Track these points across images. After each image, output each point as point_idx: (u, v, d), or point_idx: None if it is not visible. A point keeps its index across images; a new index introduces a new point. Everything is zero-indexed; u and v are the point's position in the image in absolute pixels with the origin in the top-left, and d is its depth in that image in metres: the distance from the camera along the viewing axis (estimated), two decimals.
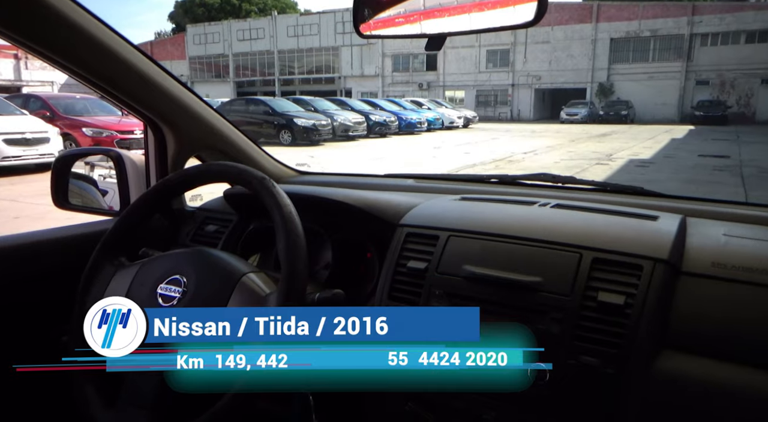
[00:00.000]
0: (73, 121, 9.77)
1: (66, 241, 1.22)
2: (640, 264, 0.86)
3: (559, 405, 0.83)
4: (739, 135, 16.85)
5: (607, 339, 0.82)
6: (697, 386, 0.76)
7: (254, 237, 1.30)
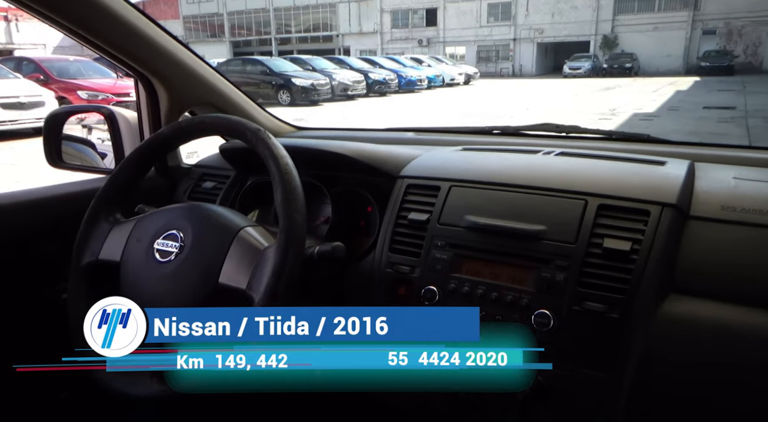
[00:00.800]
0: (67, 84, 9.61)
1: (62, 199, 1.20)
2: (647, 210, 0.84)
3: (563, 351, 0.82)
4: (746, 85, 16.54)
5: (612, 284, 0.81)
6: (703, 328, 0.75)
7: (252, 192, 1.28)
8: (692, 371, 0.74)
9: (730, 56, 23.83)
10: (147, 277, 0.88)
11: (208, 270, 0.85)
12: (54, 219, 1.17)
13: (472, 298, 0.91)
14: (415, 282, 0.97)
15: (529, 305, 0.86)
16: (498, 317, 0.88)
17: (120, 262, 0.92)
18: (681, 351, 0.75)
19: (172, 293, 0.85)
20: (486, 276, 0.92)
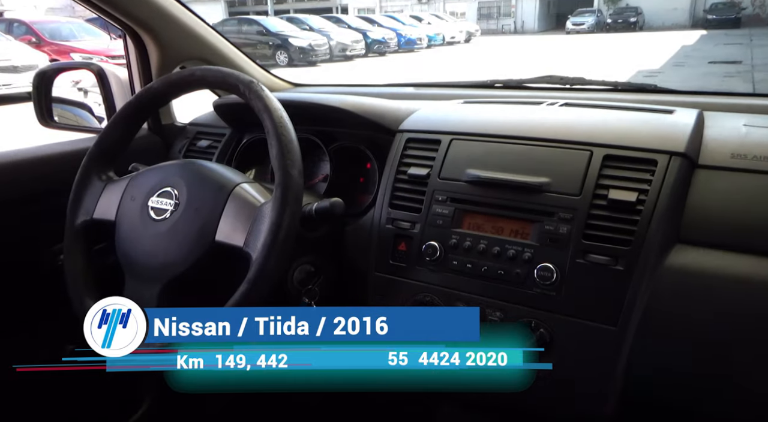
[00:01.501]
0: (60, 46, 9.42)
1: (54, 159, 1.18)
2: (654, 159, 0.81)
3: (567, 304, 0.81)
4: (753, 38, 16.14)
5: (617, 236, 0.79)
6: (710, 278, 0.74)
7: (249, 150, 1.25)
8: (696, 321, 0.73)
9: (738, 8, 23.19)
10: (142, 236, 0.86)
11: (204, 228, 0.83)
12: (46, 180, 1.14)
13: (473, 253, 0.90)
14: (415, 238, 0.95)
15: (532, 259, 0.85)
16: (500, 271, 0.87)
17: (115, 221, 0.90)
18: (686, 302, 0.74)
19: (168, 251, 0.84)
20: (488, 231, 0.90)
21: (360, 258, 1.02)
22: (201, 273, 0.85)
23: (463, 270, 0.90)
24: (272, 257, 0.77)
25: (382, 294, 0.98)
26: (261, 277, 0.77)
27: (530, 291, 0.84)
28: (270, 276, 0.77)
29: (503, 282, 0.87)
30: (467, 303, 0.90)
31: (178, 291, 0.85)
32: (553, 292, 0.83)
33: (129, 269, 0.87)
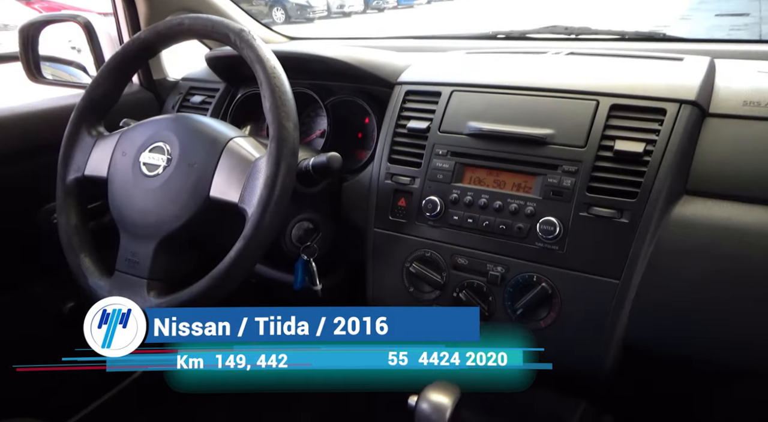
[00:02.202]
0: (51, 3, 9.16)
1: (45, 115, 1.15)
2: (663, 108, 0.78)
3: (570, 258, 0.80)
4: None
5: (622, 189, 0.77)
6: (717, 230, 0.72)
7: (244, 106, 1.21)
8: (701, 273, 0.72)
9: None
10: (135, 192, 0.84)
11: (197, 184, 0.81)
12: (37, 136, 1.11)
13: (474, 208, 0.88)
14: (415, 194, 0.93)
15: (534, 213, 0.83)
16: (501, 226, 0.85)
17: (107, 178, 0.88)
18: (691, 254, 0.73)
19: (161, 208, 0.82)
20: (489, 185, 0.88)
21: (359, 214, 1.00)
22: (196, 230, 0.83)
23: (463, 225, 0.89)
24: (268, 213, 0.75)
25: (381, 250, 0.97)
26: (257, 234, 0.75)
27: (532, 245, 0.83)
28: (266, 232, 0.75)
29: (505, 237, 0.85)
30: (468, 259, 0.88)
31: (174, 248, 0.83)
32: (556, 246, 0.81)
33: (123, 226, 0.85)
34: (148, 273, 0.82)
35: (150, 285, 0.81)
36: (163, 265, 0.83)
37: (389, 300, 0.97)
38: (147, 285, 0.81)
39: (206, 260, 0.85)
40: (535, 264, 0.83)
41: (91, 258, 0.87)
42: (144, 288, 0.81)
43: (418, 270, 0.92)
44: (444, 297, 0.91)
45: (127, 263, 0.83)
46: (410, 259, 0.93)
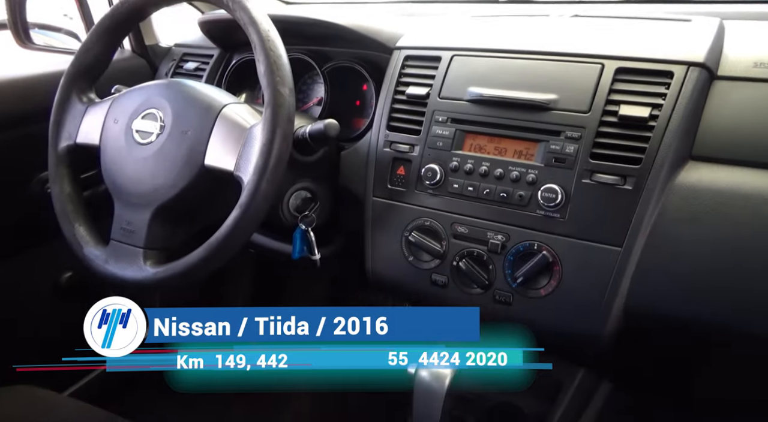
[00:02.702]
0: None
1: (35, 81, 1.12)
2: (670, 71, 0.76)
3: (572, 226, 0.79)
4: None
5: (626, 155, 0.75)
6: (722, 195, 0.70)
7: (239, 73, 1.19)
8: (706, 239, 0.71)
9: None
10: (128, 161, 0.83)
11: (191, 152, 0.79)
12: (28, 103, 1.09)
13: (474, 176, 0.86)
14: (414, 162, 0.92)
15: (536, 180, 0.81)
16: (502, 194, 0.84)
17: (99, 146, 0.86)
18: (696, 220, 0.71)
19: (155, 177, 0.80)
20: (490, 152, 0.86)
21: (357, 183, 0.99)
22: (192, 199, 0.82)
23: (463, 193, 0.87)
24: (264, 181, 0.73)
25: (380, 219, 0.95)
26: (253, 202, 0.73)
27: (533, 213, 0.82)
28: (262, 200, 0.74)
29: (506, 205, 0.84)
30: (468, 227, 0.87)
31: (170, 217, 0.82)
32: (557, 214, 0.80)
33: (117, 195, 0.84)
34: (143, 243, 0.81)
35: (146, 255, 0.80)
36: (159, 235, 0.82)
37: (388, 269, 0.96)
38: (143, 255, 0.80)
39: (203, 230, 0.84)
40: (536, 232, 0.82)
41: (86, 227, 0.86)
42: (140, 257, 0.80)
43: (417, 239, 0.91)
44: (443, 267, 0.90)
45: (123, 232, 0.82)
46: (409, 228, 0.92)
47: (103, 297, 1.30)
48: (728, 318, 0.71)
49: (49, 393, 0.99)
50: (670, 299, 0.74)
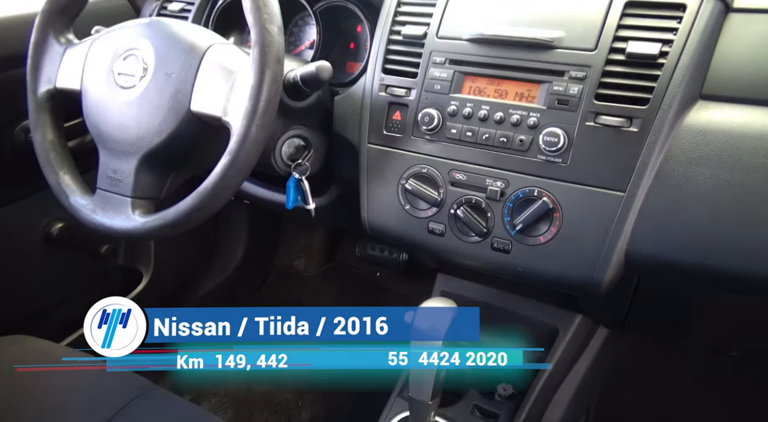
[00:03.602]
0: None
1: (10, 23, 1.06)
2: (683, 4, 0.71)
3: (574, 171, 0.76)
4: None
5: (633, 95, 0.72)
6: (732, 136, 0.68)
7: (226, 14, 1.13)
8: (714, 182, 0.68)
9: None
10: (111, 106, 0.79)
11: (176, 96, 0.75)
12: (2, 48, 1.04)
13: (474, 120, 0.83)
14: (411, 106, 0.88)
15: (538, 124, 0.78)
16: (502, 139, 0.81)
17: (81, 90, 0.82)
18: (704, 162, 0.69)
19: (140, 123, 0.77)
20: (490, 95, 0.83)
21: (352, 129, 0.95)
22: (180, 146, 0.78)
23: (462, 138, 0.84)
24: (253, 126, 0.70)
25: (375, 167, 0.92)
26: (243, 149, 0.70)
27: (534, 158, 0.79)
28: (252, 146, 0.71)
29: (506, 150, 0.81)
30: (467, 174, 0.84)
31: (157, 165, 0.79)
32: (559, 159, 0.77)
33: (101, 142, 0.80)
34: (131, 192, 0.78)
35: (134, 204, 0.78)
36: (147, 183, 0.79)
37: (384, 218, 0.94)
38: (131, 204, 0.78)
39: (193, 179, 0.81)
40: (537, 178, 0.79)
41: (72, 176, 0.83)
42: (128, 206, 0.78)
43: (414, 186, 0.88)
44: (441, 215, 0.88)
45: (109, 181, 0.79)
46: (406, 176, 0.89)
47: (93, 248, 1.31)
48: (734, 264, 0.69)
49: (46, 342, 0.99)
50: (673, 245, 0.72)
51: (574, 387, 1.16)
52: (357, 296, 1.83)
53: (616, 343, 1.26)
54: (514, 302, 1.13)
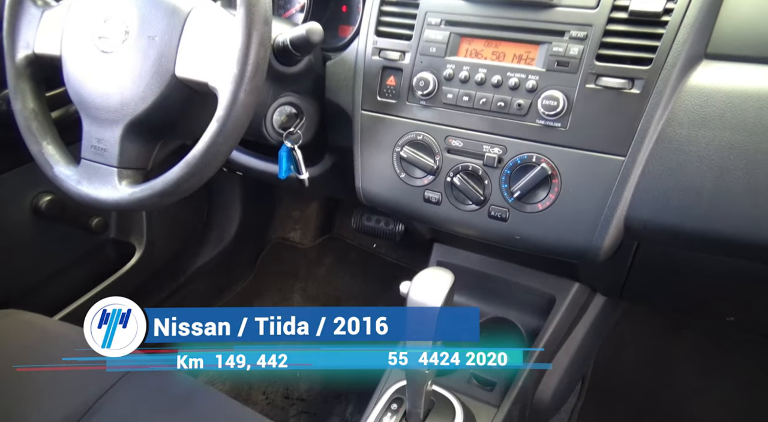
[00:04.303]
0: None
1: None
2: None
3: (573, 136, 0.74)
4: None
5: (636, 55, 0.69)
6: (736, 95, 0.65)
7: None
8: (718, 144, 0.66)
9: None
10: (92, 71, 0.76)
11: (160, 61, 0.72)
12: None
13: (470, 84, 0.80)
14: (405, 70, 0.85)
15: (536, 87, 0.75)
16: (500, 103, 0.78)
17: (61, 56, 0.79)
18: (706, 123, 0.67)
19: (123, 89, 0.74)
20: (487, 58, 0.80)
21: (344, 96, 0.92)
22: (165, 114, 0.75)
23: (458, 103, 0.81)
24: (242, 91, 0.67)
25: (369, 134, 0.90)
26: (231, 115, 0.68)
27: (533, 123, 0.77)
28: (242, 112, 0.68)
29: (503, 115, 0.79)
30: (463, 140, 0.82)
31: (143, 134, 0.77)
32: (558, 123, 0.75)
33: (84, 110, 0.77)
34: (117, 162, 0.76)
35: (121, 174, 0.76)
36: (133, 153, 0.77)
37: (379, 187, 0.92)
38: (117, 174, 0.75)
39: (182, 149, 0.79)
40: (535, 143, 0.77)
41: (55, 146, 0.80)
42: (114, 177, 0.75)
43: (409, 154, 0.86)
44: (437, 183, 0.86)
45: (93, 150, 0.76)
46: (401, 143, 0.87)
47: (84, 222, 1.29)
48: (734, 228, 0.68)
49: (39, 316, 0.98)
50: (673, 210, 0.70)
51: (571, 355, 1.16)
52: (353, 268, 1.82)
53: (613, 311, 1.26)
54: (512, 271, 1.12)
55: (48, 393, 0.80)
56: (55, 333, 0.97)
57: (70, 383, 0.81)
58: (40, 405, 0.76)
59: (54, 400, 0.77)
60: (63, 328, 0.98)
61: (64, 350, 0.89)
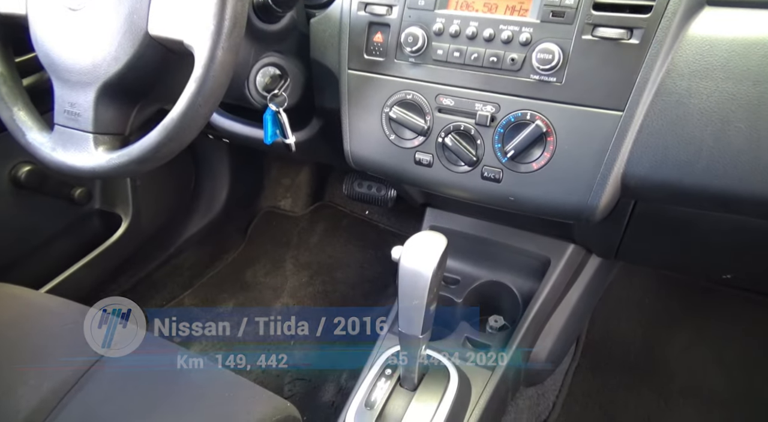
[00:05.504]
0: None
1: None
2: None
3: (569, 91, 0.71)
4: None
5: (635, 2, 0.66)
6: (738, 43, 0.62)
7: None
8: (717, 96, 0.64)
9: None
10: (60, 32, 0.71)
11: (132, 18, 0.68)
12: None
13: (461, 39, 0.77)
14: (393, 26, 0.81)
15: (530, 40, 0.72)
16: (492, 58, 0.75)
17: (26, 15, 0.74)
18: (708, 73, 0.64)
19: (94, 49, 0.70)
20: (479, 10, 0.76)
21: (330, 55, 0.88)
22: (140, 75, 0.72)
23: (449, 60, 0.78)
24: (219, 49, 0.63)
25: (357, 95, 0.86)
26: (209, 74, 0.64)
27: (527, 78, 0.73)
28: (220, 71, 0.65)
29: (496, 71, 0.75)
30: (455, 99, 0.79)
31: (118, 97, 0.73)
32: (553, 78, 0.71)
33: (55, 73, 0.73)
34: (92, 127, 0.72)
35: (97, 140, 0.72)
36: (109, 117, 0.73)
37: (369, 150, 0.89)
38: (93, 140, 0.72)
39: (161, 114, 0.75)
40: (530, 99, 0.74)
41: (27, 111, 0.77)
42: (90, 143, 0.72)
43: (399, 115, 0.83)
44: (428, 144, 0.83)
45: (67, 115, 0.73)
46: (390, 103, 0.83)
47: (66, 192, 1.25)
48: (735, 183, 0.65)
49: (25, 289, 0.96)
50: (672, 165, 0.68)
51: (565, 317, 1.16)
52: (345, 236, 1.80)
53: (609, 272, 1.25)
54: (506, 234, 1.10)
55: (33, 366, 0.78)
56: (41, 306, 0.95)
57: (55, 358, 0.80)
58: (25, 379, 0.75)
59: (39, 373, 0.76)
60: (49, 301, 0.96)
61: (51, 323, 0.87)
